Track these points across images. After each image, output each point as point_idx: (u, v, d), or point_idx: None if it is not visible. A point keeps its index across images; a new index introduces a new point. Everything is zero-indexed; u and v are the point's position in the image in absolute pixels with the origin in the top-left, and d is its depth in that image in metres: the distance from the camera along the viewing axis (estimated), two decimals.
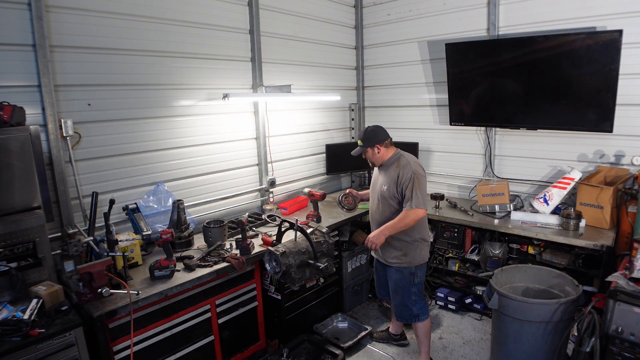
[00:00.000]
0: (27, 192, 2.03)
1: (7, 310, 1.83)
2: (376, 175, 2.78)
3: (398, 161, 2.62)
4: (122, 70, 2.68)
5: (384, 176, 2.65)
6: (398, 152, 2.68)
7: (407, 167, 2.56)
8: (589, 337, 2.09)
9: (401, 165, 2.58)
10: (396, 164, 2.61)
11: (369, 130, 2.66)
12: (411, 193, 2.49)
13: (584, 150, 3.22)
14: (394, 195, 2.59)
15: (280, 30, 3.62)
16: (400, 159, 2.63)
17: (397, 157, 2.65)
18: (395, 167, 2.60)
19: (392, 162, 2.64)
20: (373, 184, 2.81)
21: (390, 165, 2.64)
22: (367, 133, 2.65)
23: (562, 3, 3.13)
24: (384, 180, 2.64)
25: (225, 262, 2.53)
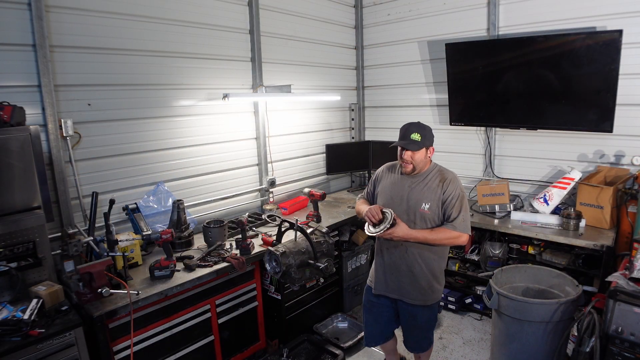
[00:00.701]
0: (27, 192, 2.03)
1: (7, 310, 1.83)
2: (399, 185, 2.23)
3: (441, 174, 2.17)
4: (122, 70, 2.68)
5: (422, 191, 2.15)
6: (435, 163, 2.25)
7: (454, 183, 2.13)
8: (589, 337, 2.09)
9: (447, 179, 2.14)
10: (439, 176, 2.16)
11: (428, 127, 2.18)
12: (458, 213, 2.09)
13: (584, 150, 3.22)
14: (437, 216, 2.12)
15: (280, 30, 3.62)
16: (444, 171, 2.20)
17: (439, 169, 2.21)
18: (438, 181, 2.15)
19: (432, 174, 2.18)
20: (393, 194, 2.23)
21: (429, 177, 2.18)
22: (426, 129, 2.16)
23: (562, 3, 3.13)
24: (423, 196, 2.14)
25: (225, 262, 2.53)
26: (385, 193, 2.28)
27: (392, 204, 2.19)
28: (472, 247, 3.46)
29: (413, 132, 2.12)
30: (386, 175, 2.35)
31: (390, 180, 2.30)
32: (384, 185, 2.32)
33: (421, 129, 2.13)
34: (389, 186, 2.28)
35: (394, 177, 2.29)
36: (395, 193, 2.23)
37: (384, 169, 2.40)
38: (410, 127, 2.14)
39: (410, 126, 2.15)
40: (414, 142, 2.10)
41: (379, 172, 2.41)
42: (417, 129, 2.13)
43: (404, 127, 2.17)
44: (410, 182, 2.20)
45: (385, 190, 2.29)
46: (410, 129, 2.13)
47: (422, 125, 2.15)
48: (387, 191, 2.27)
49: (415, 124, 2.16)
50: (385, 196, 2.26)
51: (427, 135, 2.14)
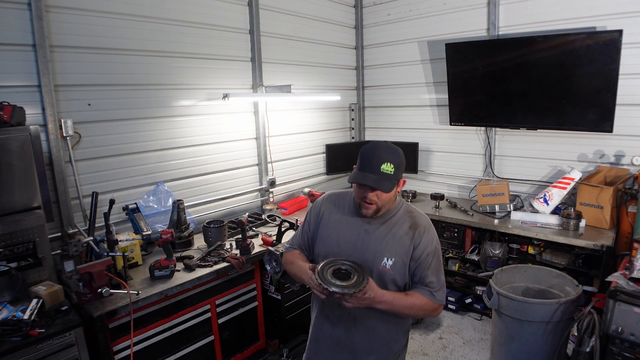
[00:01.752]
0: (27, 192, 2.02)
1: (7, 310, 1.83)
2: (350, 228, 1.57)
3: (412, 217, 1.56)
4: (122, 70, 2.68)
5: (383, 239, 1.52)
6: (400, 199, 1.62)
7: (429, 233, 1.54)
8: (589, 337, 2.09)
9: (420, 226, 1.54)
10: (408, 220, 1.54)
11: (399, 151, 1.52)
12: (436, 276, 1.52)
13: (584, 150, 3.22)
14: (401, 277, 1.52)
15: (280, 30, 3.62)
16: (415, 214, 1.58)
17: (408, 210, 1.59)
18: (406, 227, 1.53)
19: (398, 216, 1.56)
20: (342, 241, 1.57)
21: (394, 221, 1.55)
22: (399, 154, 1.50)
23: (562, 3, 3.13)
24: (385, 247, 1.51)
25: (225, 262, 2.53)
26: (330, 239, 1.58)
27: (338, 255, 1.50)
28: (472, 247, 3.46)
29: (384, 162, 1.42)
30: (331, 211, 1.62)
31: (337, 221, 1.60)
32: (327, 226, 1.61)
33: (394, 155, 1.47)
34: (336, 229, 1.58)
35: (344, 217, 1.59)
36: (344, 239, 1.55)
37: (327, 201, 1.67)
38: (379, 152, 1.45)
39: (379, 151, 1.46)
40: (386, 178, 1.43)
41: (320, 207, 1.66)
42: (389, 156, 1.45)
43: (367, 152, 1.47)
44: (368, 225, 1.54)
45: (330, 235, 1.59)
46: (380, 156, 1.44)
47: (393, 149, 1.49)
48: (332, 236, 1.58)
49: (384, 147, 1.48)
50: (330, 244, 1.57)
51: (401, 164, 1.48)
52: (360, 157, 1.49)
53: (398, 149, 1.52)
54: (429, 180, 4.19)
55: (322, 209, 1.66)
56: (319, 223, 1.65)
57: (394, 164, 1.45)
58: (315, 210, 1.69)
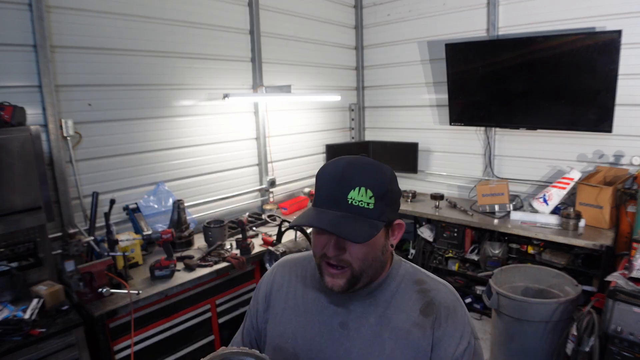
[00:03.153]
0: (27, 192, 2.03)
1: (8, 310, 1.84)
2: (317, 321, 0.94)
3: (422, 289, 0.93)
4: (123, 70, 2.68)
5: (377, 338, 0.89)
6: (399, 259, 1.00)
7: (455, 314, 0.91)
8: (588, 336, 2.09)
9: (437, 303, 0.91)
10: (416, 296, 0.92)
11: (388, 174, 0.89)
12: None
13: (583, 150, 3.22)
14: None
15: (280, 30, 3.63)
16: (424, 279, 0.96)
17: (413, 276, 0.97)
18: (416, 309, 0.90)
19: (396, 287, 0.94)
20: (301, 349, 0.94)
21: (392, 298, 0.93)
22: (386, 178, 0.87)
23: (561, 3, 3.13)
24: (380, 353, 0.88)
25: (225, 262, 2.54)
26: (282, 339, 0.97)
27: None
28: (472, 247, 3.46)
29: (354, 187, 0.83)
30: (287, 289, 1.02)
31: (294, 306, 0.99)
32: (279, 316, 1.00)
33: (374, 175, 0.86)
34: (293, 321, 0.97)
35: (306, 298, 0.98)
36: (305, 341, 0.94)
37: (280, 271, 1.06)
38: (348, 172, 0.85)
39: (348, 170, 0.85)
40: (358, 216, 0.83)
41: (270, 282, 1.05)
42: (365, 178, 0.84)
43: (327, 173, 0.88)
44: (346, 312, 0.93)
45: (283, 332, 0.97)
46: (349, 176, 0.84)
47: (375, 167, 0.87)
48: (285, 335, 0.97)
49: (358, 163, 0.87)
50: (283, 348, 0.96)
51: (388, 191, 0.86)
52: (317, 184, 0.89)
53: (385, 167, 0.88)
54: (429, 180, 4.19)
55: (272, 285, 1.03)
56: (267, 309, 1.02)
57: (374, 189, 0.83)
58: (263, 287, 1.05)
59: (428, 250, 3.70)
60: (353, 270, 0.87)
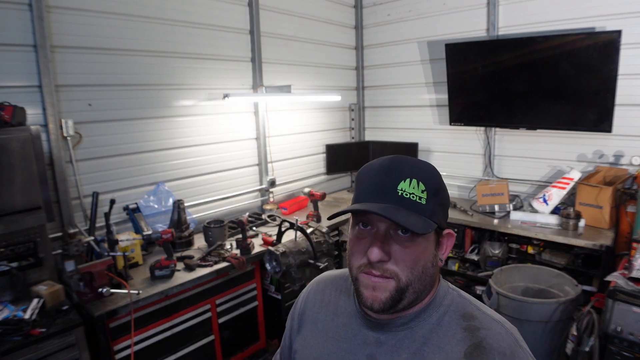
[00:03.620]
0: (28, 192, 2.03)
1: (8, 310, 1.84)
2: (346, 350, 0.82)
3: (470, 327, 0.76)
4: (123, 70, 2.68)
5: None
6: (447, 285, 0.83)
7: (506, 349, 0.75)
8: (588, 336, 2.09)
9: (488, 351, 0.73)
10: (462, 334, 0.75)
11: (437, 174, 0.78)
12: None
13: (583, 150, 3.22)
14: None
15: (280, 30, 3.63)
16: (474, 314, 0.78)
17: (462, 309, 0.79)
18: (458, 351, 0.73)
19: (439, 318, 0.78)
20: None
21: (433, 331, 0.77)
22: (436, 176, 0.77)
23: (561, 3, 3.13)
24: None
25: (225, 262, 2.54)
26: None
27: None
28: (472, 247, 3.46)
29: (406, 178, 0.73)
30: (318, 311, 0.92)
31: (323, 329, 0.89)
32: (307, 339, 0.91)
33: (425, 170, 0.77)
34: (319, 346, 0.88)
35: (335, 321, 0.88)
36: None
37: (314, 291, 0.97)
38: (397, 164, 0.76)
39: (396, 163, 0.76)
40: (411, 207, 0.72)
41: (302, 302, 0.98)
42: (416, 171, 0.75)
43: (372, 169, 0.78)
44: (376, 341, 0.80)
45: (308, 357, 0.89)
46: (399, 168, 0.75)
47: (422, 163, 0.79)
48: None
49: (405, 159, 0.78)
50: None
51: (440, 189, 0.77)
52: (359, 181, 0.80)
53: (432, 167, 0.79)
54: None
55: (306, 304, 0.95)
56: (300, 329, 0.94)
57: (427, 183, 0.74)
58: (299, 305, 0.98)
59: None
60: (399, 281, 0.73)
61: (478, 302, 0.82)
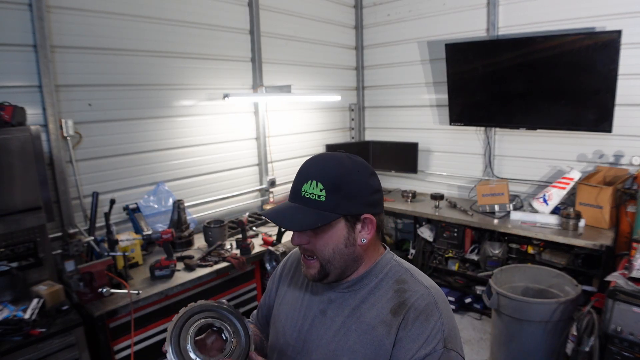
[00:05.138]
0: (28, 192, 2.03)
1: (8, 310, 1.84)
2: (302, 307, 1.03)
3: (400, 289, 0.92)
4: (123, 70, 2.68)
5: (343, 327, 0.93)
6: (389, 257, 1.00)
7: (427, 319, 0.87)
8: (588, 336, 2.09)
9: (410, 305, 0.89)
10: (392, 295, 0.92)
11: (348, 167, 0.92)
12: None
13: (583, 150, 3.23)
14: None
15: (280, 30, 3.63)
16: (406, 280, 0.94)
17: (397, 276, 0.95)
18: (387, 307, 0.90)
19: (377, 284, 0.95)
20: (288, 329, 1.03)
21: (370, 295, 0.95)
22: (343, 171, 0.91)
23: (561, 3, 3.13)
24: (342, 342, 0.92)
25: (225, 262, 2.54)
26: (278, 321, 1.07)
27: (285, 353, 1.01)
28: (472, 247, 3.46)
29: (308, 180, 0.90)
30: (292, 277, 1.11)
31: (294, 292, 1.08)
32: (282, 301, 1.10)
33: (329, 169, 0.91)
34: (288, 305, 1.07)
35: (304, 284, 1.07)
36: (291, 324, 1.03)
37: (292, 260, 1.16)
38: (307, 166, 0.94)
39: (308, 165, 0.94)
40: (306, 207, 0.90)
41: (281, 270, 1.17)
42: (319, 171, 0.91)
43: (299, 169, 0.95)
44: (328, 301, 0.98)
45: (280, 314, 1.08)
46: (307, 171, 0.93)
47: (335, 161, 0.93)
48: (280, 317, 1.07)
49: (321, 159, 0.95)
50: (276, 330, 1.07)
51: (342, 184, 0.89)
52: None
53: (350, 162, 0.92)
54: (429, 181, 4.19)
55: (284, 268, 1.15)
56: (278, 289, 1.14)
57: (325, 182, 0.87)
58: (279, 268, 1.18)
59: (428, 250, 3.71)
60: (320, 260, 0.93)
61: (415, 271, 0.99)
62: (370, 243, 0.96)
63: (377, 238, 0.99)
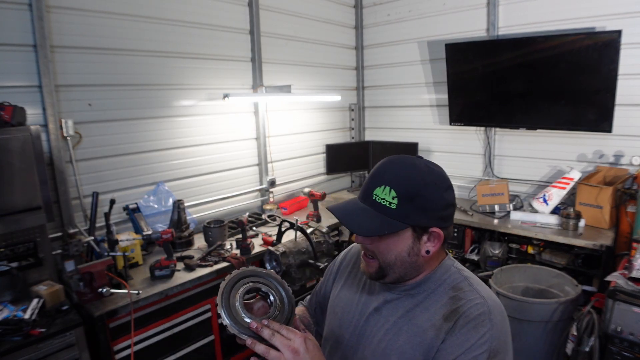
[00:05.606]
0: (27, 192, 2.03)
1: (8, 310, 1.84)
2: (358, 303, 1.06)
3: (455, 297, 0.91)
4: (123, 70, 2.68)
5: (394, 327, 0.95)
6: (449, 265, 0.99)
7: (476, 327, 0.85)
8: (588, 336, 2.09)
9: (462, 313, 0.88)
10: (447, 303, 0.92)
11: (424, 178, 0.90)
12: None
13: (583, 150, 3.23)
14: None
15: (280, 30, 3.63)
16: (463, 290, 0.92)
17: (455, 284, 0.94)
18: (440, 313, 0.90)
19: (433, 291, 0.95)
20: (344, 323, 1.06)
21: (426, 299, 0.95)
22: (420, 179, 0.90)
23: (561, 3, 3.13)
24: (392, 341, 0.94)
25: (225, 262, 2.54)
26: (334, 312, 1.11)
27: (339, 346, 1.04)
28: (472, 247, 3.46)
29: (381, 184, 0.89)
30: (350, 270, 1.15)
31: (351, 286, 1.11)
32: (339, 292, 1.13)
33: (404, 174, 0.89)
34: (345, 298, 1.10)
35: (362, 279, 1.09)
36: (347, 317, 1.05)
37: (351, 253, 1.19)
38: (383, 168, 0.93)
39: (384, 166, 0.93)
40: (374, 211, 0.90)
41: (339, 261, 1.22)
42: (394, 177, 0.89)
43: (375, 166, 0.95)
44: (383, 300, 1.00)
45: (336, 306, 1.11)
46: (379, 174, 0.92)
47: (409, 169, 0.90)
48: (337, 309, 1.10)
49: (398, 161, 0.93)
50: (332, 320, 1.11)
51: (417, 194, 0.88)
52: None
53: (429, 173, 0.90)
54: None
55: (341, 265, 1.18)
56: (335, 280, 1.18)
57: (399, 191, 0.86)
58: (338, 260, 1.22)
59: None
60: (380, 262, 0.94)
61: (474, 280, 0.97)
62: (434, 254, 0.96)
63: (441, 249, 0.99)
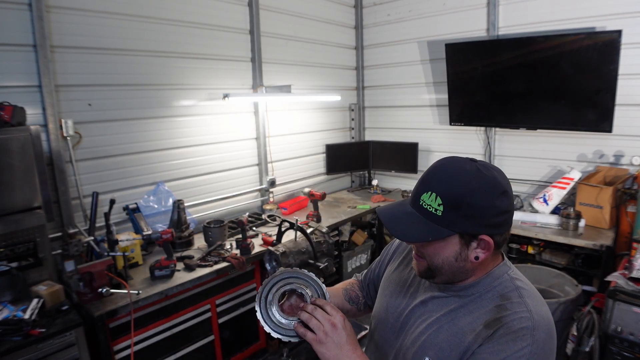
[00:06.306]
0: (27, 192, 2.03)
1: (7, 310, 1.84)
2: (406, 293, 1.07)
3: (500, 307, 0.89)
4: (123, 70, 2.68)
5: (436, 324, 0.95)
6: (502, 272, 0.96)
7: (515, 340, 0.83)
8: (588, 336, 2.10)
9: (505, 323, 0.85)
10: (491, 310, 0.90)
11: (472, 184, 0.87)
12: None
13: (583, 150, 3.22)
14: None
15: (280, 30, 3.63)
16: (511, 300, 0.90)
17: (504, 293, 0.92)
18: (482, 319, 0.89)
19: (480, 296, 0.94)
20: (391, 307, 1.08)
21: (471, 302, 0.94)
22: (470, 185, 0.87)
23: (561, 3, 3.13)
24: (431, 338, 0.94)
25: (225, 262, 2.54)
26: (382, 297, 1.14)
27: (383, 327, 1.08)
28: None
29: (427, 191, 0.90)
30: (402, 257, 1.18)
31: (399, 274, 1.14)
32: (388, 278, 1.17)
33: (452, 180, 0.88)
34: (392, 286, 1.12)
35: (410, 271, 1.10)
36: (393, 306, 1.08)
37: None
38: (432, 173, 0.92)
39: (433, 171, 0.92)
40: (420, 216, 0.91)
41: (394, 247, 1.25)
42: (441, 182, 0.89)
43: (425, 172, 0.94)
44: (431, 294, 1.01)
45: (384, 291, 1.15)
46: (428, 179, 0.92)
47: (457, 176, 0.88)
48: (385, 294, 1.13)
49: (448, 165, 0.92)
50: (380, 305, 1.14)
51: (465, 205, 0.86)
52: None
53: (478, 179, 0.88)
54: None
55: (398, 249, 1.22)
56: (389, 263, 1.22)
57: (444, 198, 0.86)
58: (387, 249, 1.27)
59: None
60: (428, 263, 0.95)
61: (527, 293, 0.93)
62: (484, 260, 0.93)
63: (495, 254, 0.96)
